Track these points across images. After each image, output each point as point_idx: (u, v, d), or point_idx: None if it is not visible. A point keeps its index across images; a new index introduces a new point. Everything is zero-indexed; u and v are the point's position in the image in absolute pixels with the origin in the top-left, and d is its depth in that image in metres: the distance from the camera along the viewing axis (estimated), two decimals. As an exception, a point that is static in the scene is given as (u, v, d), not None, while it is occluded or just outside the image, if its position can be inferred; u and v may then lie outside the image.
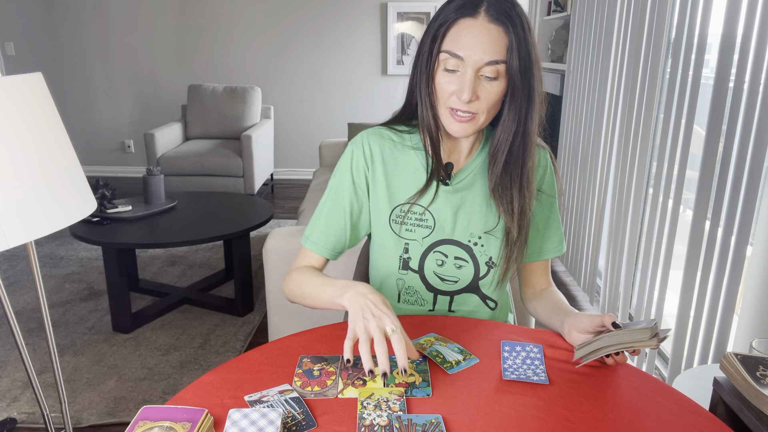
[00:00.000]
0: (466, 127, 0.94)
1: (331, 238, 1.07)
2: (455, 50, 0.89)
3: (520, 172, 0.99)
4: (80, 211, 1.09)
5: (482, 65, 0.89)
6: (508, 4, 0.90)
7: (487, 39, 0.88)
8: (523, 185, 0.99)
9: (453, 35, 0.90)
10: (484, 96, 0.92)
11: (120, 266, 2.36)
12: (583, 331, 0.90)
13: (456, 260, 1.05)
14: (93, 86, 5.09)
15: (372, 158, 1.05)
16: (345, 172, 1.06)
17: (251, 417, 0.69)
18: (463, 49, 0.89)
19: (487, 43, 0.88)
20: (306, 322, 1.99)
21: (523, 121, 0.96)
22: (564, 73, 3.20)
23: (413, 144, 1.06)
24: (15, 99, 0.98)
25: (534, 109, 0.95)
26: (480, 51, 0.88)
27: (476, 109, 0.92)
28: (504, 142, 0.98)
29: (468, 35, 0.89)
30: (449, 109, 0.94)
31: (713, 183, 1.67)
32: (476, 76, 0.90)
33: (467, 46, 0.89)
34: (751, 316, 1.44)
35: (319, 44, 4.93)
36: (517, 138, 0.97)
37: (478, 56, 0.88)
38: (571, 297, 2.81)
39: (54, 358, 1.36)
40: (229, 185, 4.20)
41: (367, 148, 1.05)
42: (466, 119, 0.93)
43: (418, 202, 1.03)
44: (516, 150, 0.98)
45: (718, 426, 0.75)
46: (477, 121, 0.94)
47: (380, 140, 1.06)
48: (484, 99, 0.92)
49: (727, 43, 1.60)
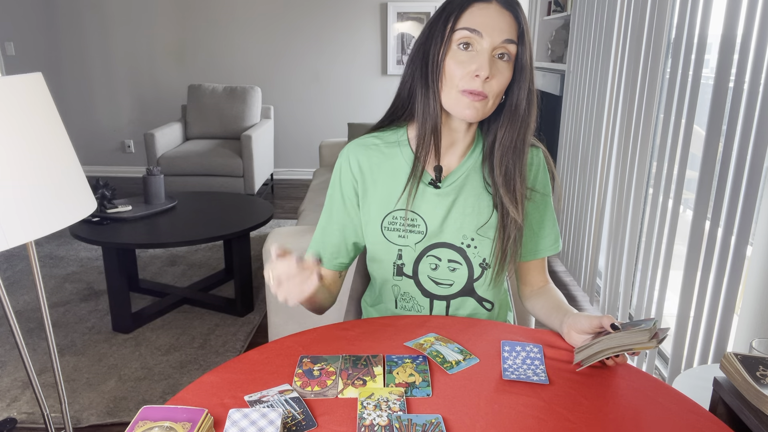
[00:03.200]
0: (477, 107, 0.93)
1: (329, 249, 1.09)
2: (474, 26, 0.91)
3: (521, 160, 1.01)
4: (80, 211, 1.09)
5: (498, 43, 0.91)
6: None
7: (502, 20, 0.92)
8: (523, 173, 1.01)
9: (468, 15, 0.92)
10: (497, 78, 0.93)
11: (120, 266, 2.36)
12: (582, 332, 0.90)
13: (450, 263, 1.04)
14: (93, 86, 5.09)
15: (360, 170, 1.05)
16: (335, 188, 1.08)
17: (251, 417, 0.69)
18: (480, 26, 0.91)
19: (503, 23, 0.92)
20: (306, 322, 1.99)
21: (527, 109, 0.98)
22: (564, 73, 3.20)
23: (399, 139, 1.05)
24: (15, 99, 0.98)
25: (533, 105, 0.98)
26: (497, 29, 0.91)
27: (488, 90, 0.93)
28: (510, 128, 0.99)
29: (483, 15, 0.92)
30: (461, 91, 0.93)
31: (713, 183, 1.67)
32: (491, 55, 0.92)
33: (484, 23, 0.91)
34: (751, 316, 1.45)
35: (319, 44, 4.93)
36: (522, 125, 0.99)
37: (495, 33, 0.91)
38: (571, 297, 2.81)
39: (54, 358, 1.36)
40: (229, 185, 4.20)
41: (354, 161, 1.05)
42: (479, 99, 0.93)
43: (409, 209, 1.03)
44: (518, 137, 0.99)
45: (718, 426, 0.75)
46: (486, 104, 0.94)
47: (365, 150, 1.05)
48: (496, 81, 0.93)
49: (727, 43, 1.60)
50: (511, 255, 1.04)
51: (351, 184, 1.06)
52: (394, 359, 0.88)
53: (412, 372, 0.85)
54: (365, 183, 1.05)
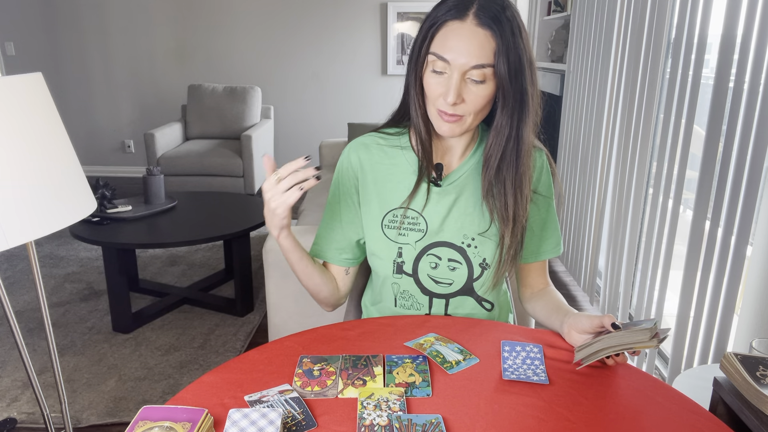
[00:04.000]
0: (453, 127, 0.95)
1: (332, 244, 1.10)
2: (441, 53, 0.89)
3: (513, 177, 0.98)
4: (80, 211, 1.09)
5: (468, 69, 0.89)
6: (498, 7, 0.89)
7: (473, 43, 0.88)
8: (517, 191, 0.98)
9: (441, 37, 0.90)
10: (470, 99, 0.91)
11: (120, 266, 2.36)
12: (583, 331, 0.90)
13: (450, 262, 1.04)
14: (93, 86, 5.09)
15: (361, 167, 1.06)
16: (336, 185, 1.08)
17: (251, 417, 0.69)
18: (449, 52, 0.89)
19: (473, 46, 0.88)
20: (306, 322, 1.99)
21: (516, 126, 0.94)
22: (564, 73, 3.20)
23: (402, 144, 1.06)
24: (15, 99, 0.98)
25: (527, 113, 0.94)
26: (466, 54, 0.88)
27: (462, 111, 0.92)
28: (497, 146, 0.97)
29: (455, 38, 0.88)
30: (437, 110, 0.94)
31: (713, 183, 1.67)
32: (462, 79, 0.90)
33: (453, 49, 0.88)
34: (751, 316, 1.44)
35: (319, 44, 4.93)
36: (509, 142, 0.96)
37: (463, 60, 0.88)
38: (571, 297, 2.81)
39: (54, 358, 1.36)
40: (229, 185, 4.20)
41: (355, 158, 1.06)
42: (453, 120, 0.94)
43: (410, 207, 1.03)
44: (509, 155, 0.97)
45: (718, 426, 0.75)
46: (464, 123, 0.94)
47: (367, 148, 1.06)
48: (470, 102, 0.92)
49: (727, 43, 1.60)
50: (511, 259, 1.04)
51: (352, 181, 1.07)
52: (394, 359, 0.88)
53: (412, 372, 0.85)
54: (366, 180, 1.06)
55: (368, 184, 1.06)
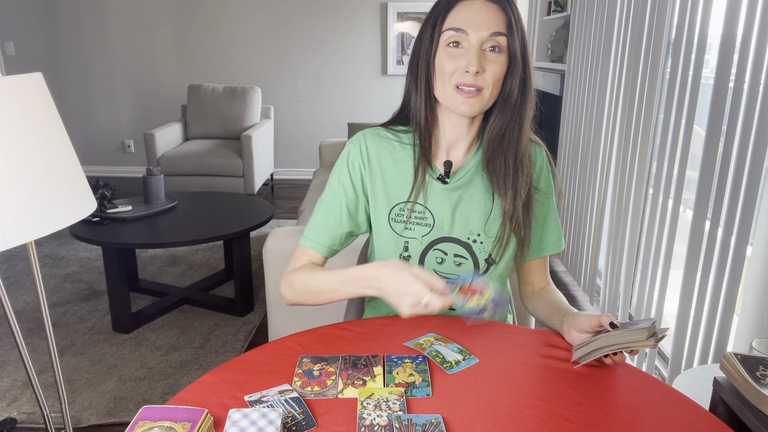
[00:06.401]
0: (473, 102, 0.95)
1: (328, 235, 1.07)
2: (459, 25, 0.93)
3: (515, 149, 1.01)
4: (80, 211, 1.09)
5: (486, 37, 0.92)
6: None
7: (488, 13, 0.93)
8: (518, 165, 1.01)
9: (454, 15, 0.94)
10: (490, 69, 0.94)
11: (120, 266, 2.36)
12: (582, 330, 0.90)
13: (456, 258, 1.05)
14: (93, 86, 5.09)
15: (369, 158, 1.05)
16: (342, 171, 1.07)
17: (251, 417, 0.69)
18: (466, 23, 0.93)
19: (490, 16, 0.93)
20: (306, 322, 1.99)
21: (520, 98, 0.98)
22: (564, 73, 3.20)
23: (410, 142, 1.07)
24: (15, 99, 0.98)
25: (528, 94, 0.98)
26: (483, 23, 0.92)
27: (482, 82, 0.94)
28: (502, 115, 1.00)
29: (469, 12, 0.93)
30: (455, 87, 0.95)
31: (713, 183, 1.67)
32: (480, 49, 0.93)
33: (470, 20, 0.92)
34: (751, 316, 1.44)
35: (319, 44, 4.93)
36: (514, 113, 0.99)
37: (482, 28, 0.92)
38: (571, 297, 2.81)
39: (54, 358, 1.36)
40: (229, 185, 4.20)
41: (364, 147, 1.06)
42: (472, 94, 0.94)
43: (417, 201, 1.03)
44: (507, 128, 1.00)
45: (718, 426, 0.75)
46: (483, 98, 0.95)
47: (377, 140, 1.06)
48: (489, 72, 0.94)
49: (727, 43, 1.60)
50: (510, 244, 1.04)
51: (359, 169, 1.06)
52: (394, 359, 0.88)
53: (412, 372, 0.85)
54: (373, 172, 1.05)
55: (375, 175, 1.05)
